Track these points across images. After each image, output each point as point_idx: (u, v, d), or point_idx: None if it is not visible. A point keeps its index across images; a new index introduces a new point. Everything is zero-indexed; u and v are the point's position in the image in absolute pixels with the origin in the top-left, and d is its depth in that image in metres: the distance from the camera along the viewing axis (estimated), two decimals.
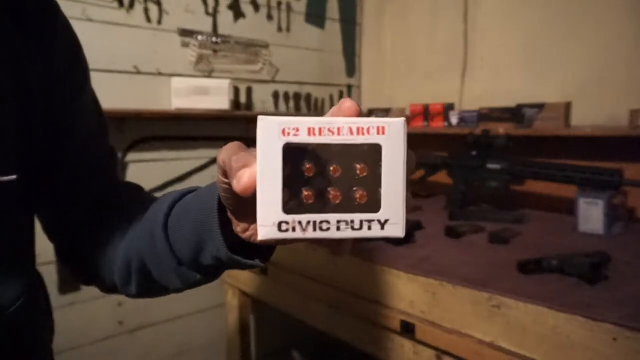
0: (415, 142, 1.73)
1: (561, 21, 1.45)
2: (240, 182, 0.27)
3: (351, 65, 2.08)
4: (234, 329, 1.43)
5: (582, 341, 0.66)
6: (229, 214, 0.36)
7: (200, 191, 0.43)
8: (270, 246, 0.41)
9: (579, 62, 1.41)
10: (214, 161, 1.65)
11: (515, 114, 1.43)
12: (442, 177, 1.47)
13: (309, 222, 0.27)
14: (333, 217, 0.27)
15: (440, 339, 0.81)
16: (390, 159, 0.27)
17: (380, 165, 0.27)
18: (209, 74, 1.61)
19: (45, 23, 0.48)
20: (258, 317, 1.71)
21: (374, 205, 0.27)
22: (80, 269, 0.57)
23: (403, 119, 0.27)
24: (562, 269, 0.82)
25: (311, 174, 0.27)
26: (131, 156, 1.45)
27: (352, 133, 0.27)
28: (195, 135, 1.59)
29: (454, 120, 1.61)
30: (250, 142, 0.32)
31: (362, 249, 1.02)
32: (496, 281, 0.80)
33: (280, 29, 1.81)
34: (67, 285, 1.34)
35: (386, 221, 0.27)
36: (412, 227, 1.14)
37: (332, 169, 0.27)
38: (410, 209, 0.29)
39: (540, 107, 1.38)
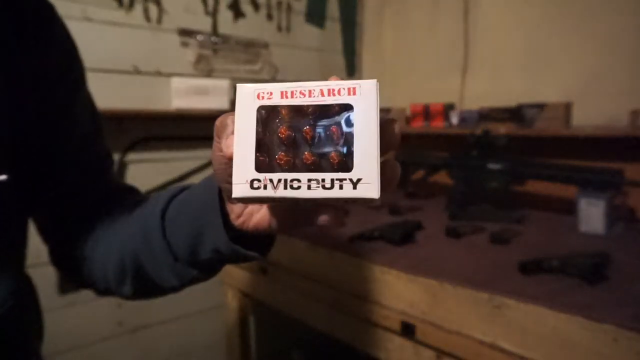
0: (415, 142, 1.73)
1: (562, 21, 1.45)
2: (228, 147, 0.28)
3: (351, 65, 2.08)
4: (234, 329, 1.43)
5: (583, 342, 0.65)
6: (225, 199, 0.36)
7: (198, 184, 0.43)
8: (268, 239, 0.41)
9: (580, 62, 1.41)
10: None
11: (515, 114, 1.43)
12: (442, 177, 1.47)
13: (280, 180, 0.27)
14: (304, 176, 0.27)
15: (440, 339, 0.81)
16: (362, 118, 0.27)
17: (352, 125, 0.27)
18: (208, 74, 1.60)
19: (42, 25, 0.48)
20: (258, 318, 1.70)
21: (346, 165, 0.27)
22: (74, 272, 0.57)
23: (375, 80, 0.28)
24: (562, 269, 0.82)
25: (284, 136, 0.28)
26: (131, 156, 1.45)
27: (323, 94, 0.28)
28: (195, 135, 1.59)
29: (454, 120, 1.61)
30: None
31: (362, 249, 1.02)
32: (496, 281, 0.80)
33: (280, 29, 1.80)
34: (67, 285, 1.34)
35: (358, 180, 0.26)
36: (412, 227, 1.13)
37: (305, 130, 0.28)
38: (395, 177, 0.28)
39: (541, 107, 1.38)
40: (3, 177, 0.43)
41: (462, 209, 1.33)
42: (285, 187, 0.27)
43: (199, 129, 1.59)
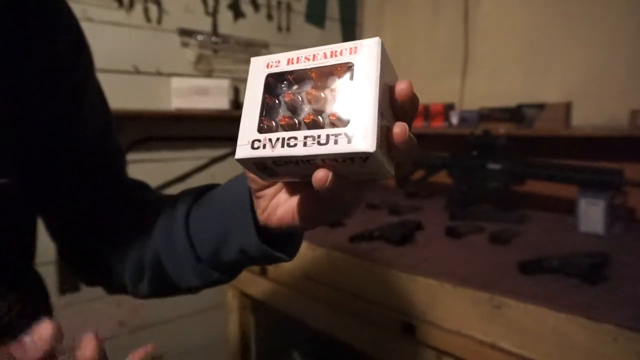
0: None
1: (561, 21, 1.45)
2: None
3: None
4: (234, 329, 1.43)
5: (583, 341, 0.65)
6: (252, 194, 0.36)
7: (226, 182, 0.42)
8: (296, 240, 0.40)
9: (579, 62, 1.41)
10: (213, 161, 1.65)
11: (515, 114, 1.43)
12: (442, 177, 1.47)
13: (278, 139, 0.27)
14: (301, 134, 0.27)
15: (440, 339, 0.81)
16: (361, 75, 0.27)
17: (352, 84, 0.27)
18: (208, 74, 1.60)
19: (46, 17, 0.46)
20: (258, 318, 1.70)
21: (344, 121, 0.27)
22: (85, 269, 0.56)
23: (377, 38, 0.27)
24: (562, 269, 0.82)
25: (289, 99, 0.29)
26: (131, 156, 1.45)
27: (325, 57, 0.28)
28: (195, 135, 1.59)
29: (454, 120, 1.61)
30: None
31: (362, 249, 1.02)
32: (496, 281, 0.80)
33: (280, 29, 1.80)
34: (67, 285, 1.34)
35: (353, 135, 0.26)
36: (412, 227, 1.13)
37: (307, 92, 0.28)
38: (403, 138, 0.27)
39: (541, 107, 1.38)
40: (4, 180, 0.42)
41: (462, 209, 1.33)
42: (283, 146, 0.27)
43: (199, 129, 1.59)
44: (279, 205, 0.35)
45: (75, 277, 0.57)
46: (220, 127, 1.64)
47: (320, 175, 0.27)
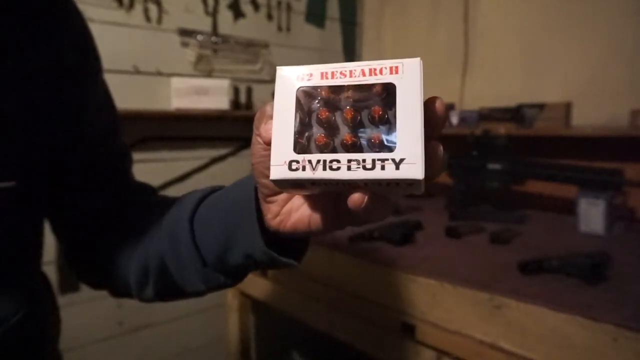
0: None
1: (561, 21, 1.45)
2: (267, 131, 0.28)
3: None
4: (234, 329, 1.43)
5: (583, 341, 0.65)
6: (261, 198, 0.35)
7: (232, 184, 0.42)
8: (302, 245, 0.39)
9: (579, 62, 1.41)
10: (213, 161, 1.65)
11: (515, 114, 1.43)
12: (442, 177, 1.47)
13: (319, 161, 0.26)
14: (344, 157, 0.26)
15: (440, 339, 0.81)
16: (405, 97, 0.26)
17: (395, 105, 0.26)
18: (208, 74, 1.60)
19: (51, 20, 0.46)
20: (258, 318, 1.70)
21: (389, 145, 0.26)
22: (89, 272, 0.55)
23: (418, 58, 0.27)
24: (562, 269, 0.82)
25: (324, 117, 0.27)
26: None
27: (364, 74, 0.27)
28: (194, 135, 1.59)
29: (454, 120, 1.61)
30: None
31: (362, 249, 1.02)
32: (496, 281, 0.80)
33: (280, 29, 1.80)
34: (67, 285, 1.34)
35: (401, 160, 0.25)
36: (412, 227, 1.13)
37: (345, 111, 0.27)
38: (439, 160, 0.27)
39: (541, 107, 1.38)
40: (10, 183, 0.41)
41: (462, 209, 1.33)
42: (325, 168, 0.26)
43: (199, 129, 1.59)
44: (293, 211, 0.33)
45: (80, 279, 0.57)
46: (220, 127, 1.64)
47: (357, 197, 0.26)
